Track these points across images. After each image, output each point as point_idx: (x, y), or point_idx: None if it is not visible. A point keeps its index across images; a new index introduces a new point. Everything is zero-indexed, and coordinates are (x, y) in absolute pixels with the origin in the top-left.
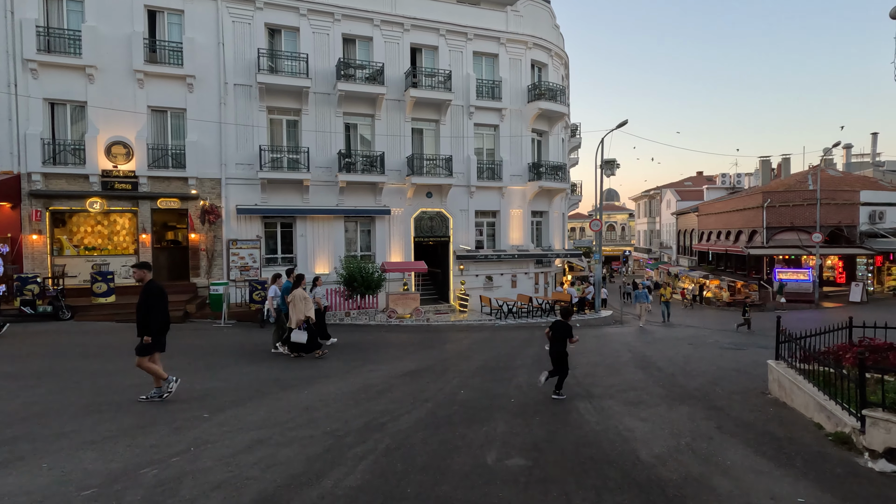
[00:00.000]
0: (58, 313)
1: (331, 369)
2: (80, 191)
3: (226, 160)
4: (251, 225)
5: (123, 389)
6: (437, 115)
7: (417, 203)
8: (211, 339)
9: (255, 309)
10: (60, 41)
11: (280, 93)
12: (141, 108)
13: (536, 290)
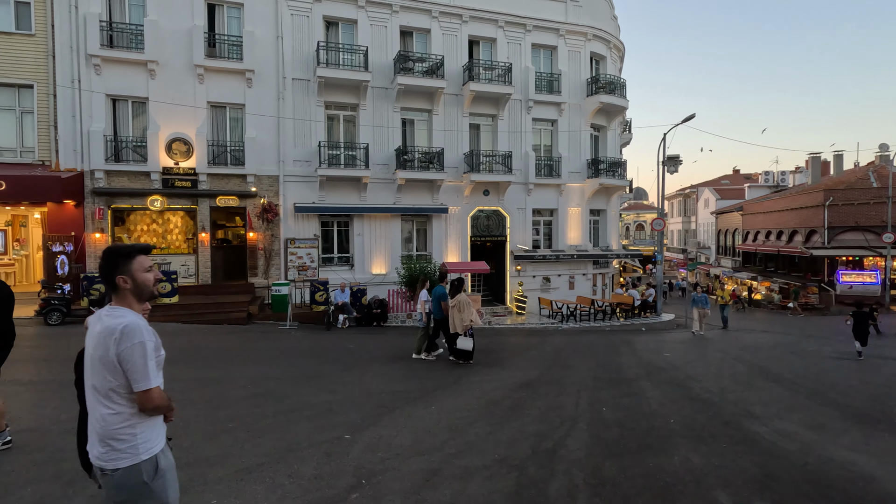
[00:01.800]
0: None
1: (437, 379)
2: (142, 188)
3: (284, 157)
4: (308, 223)
5: (237, 401)
6: (495, 110)
7: (474, 201)
8: (284, 342)
9: (322, 311)
10: (122, 36)
11: (338, 87)
12: (201, 103)
13: (594, 292)
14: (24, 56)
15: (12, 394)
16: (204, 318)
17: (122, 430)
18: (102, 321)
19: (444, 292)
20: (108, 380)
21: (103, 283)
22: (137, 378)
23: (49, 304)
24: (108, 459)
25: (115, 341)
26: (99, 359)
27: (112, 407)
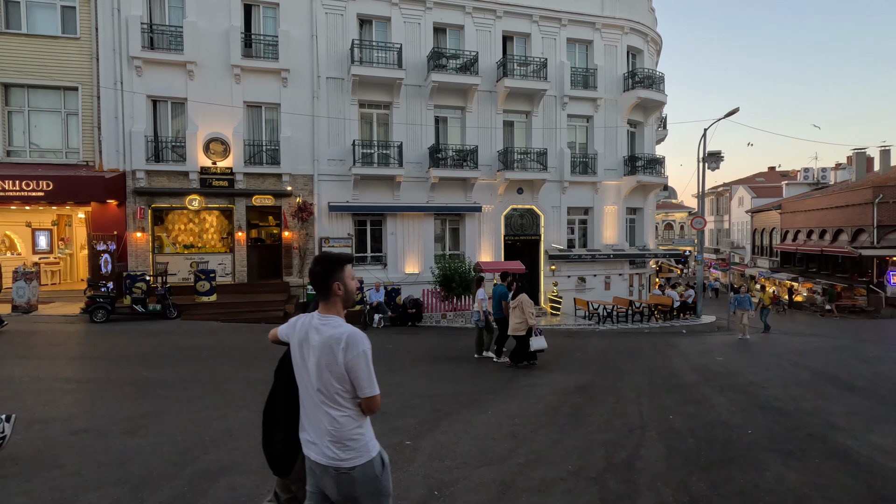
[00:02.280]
0: (165, 312)
1: (487, 382)
2: (180, 188)
3: (318, 156)
4: (342, 222)
5: None
6: (530, 107)
7: (508, 200)
8: None
9: (357, 310)
10: (162, 38)
11: (372, 85)
12: (237, 103)
13: (630, 293)
14: (70, 59)
15: (66, 391)
16: (242, 317)
17: (354, 431)
18: (321, 331)
19: (504, 292)
20: (336, 386)
21: (316, 288)
22: (363, 385)
23: (94, 301)
24: (344, 459)
25: (343, 350)
26: (326, 366)
27: (343, 410)
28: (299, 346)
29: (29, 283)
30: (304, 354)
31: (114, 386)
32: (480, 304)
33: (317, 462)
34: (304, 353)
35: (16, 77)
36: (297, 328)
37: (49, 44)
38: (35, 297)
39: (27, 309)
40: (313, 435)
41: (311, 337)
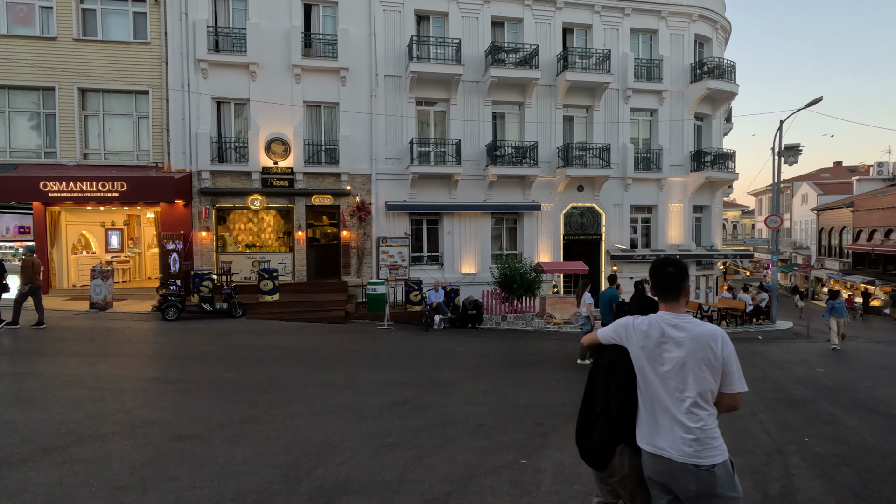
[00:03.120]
0: (231, 311)
1: (578, 392)
2: (243, 188)
3: (376, 155)
4: (399, 222)
5: (379, 411)
6: (591, 101)
7: (568, 197)
8: (390, 343)
9: (416, 311)
10: (227, 40)
11: (429, 82)
12: (297, 103)
13: (697, 296)
14: (141, 63)
15: (157, 392)
16: (304, 317)
17: (714, 430)
18: (687, 329)
19: (615, 295)
20: (710, 382)
21: (664, 289)
22: (735, 381)
23: (167, 300)
24: (706, 456)
25: (720, 346)
26: (703, 362)
27: (707, 408)
28: (657, 346)
29: (105, 281)
30: (662, 354)
31: (201, 387)
32: (589, 309)
33: (673, 460)
34: (662, 352)
35: (92, 82)
36: (646, 329)
37: (122, 49)
38: (110, 294)
39: (103, 306)
40: (671, 433)
41: (672, 335)
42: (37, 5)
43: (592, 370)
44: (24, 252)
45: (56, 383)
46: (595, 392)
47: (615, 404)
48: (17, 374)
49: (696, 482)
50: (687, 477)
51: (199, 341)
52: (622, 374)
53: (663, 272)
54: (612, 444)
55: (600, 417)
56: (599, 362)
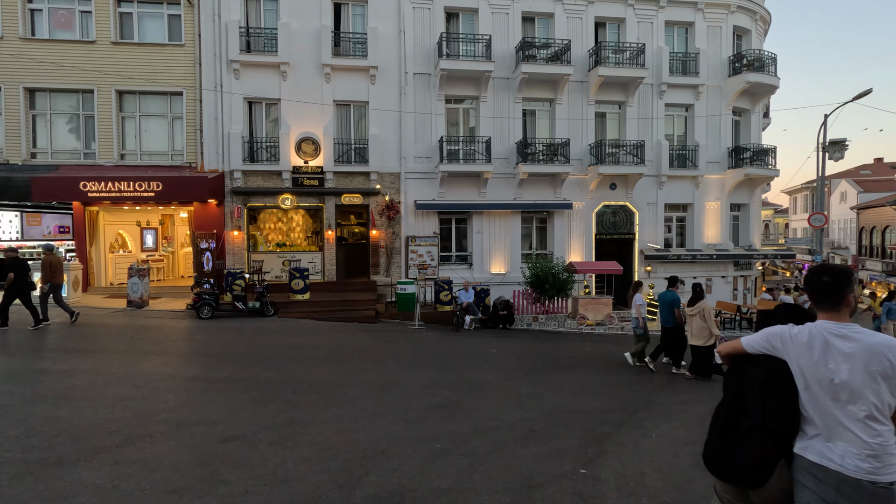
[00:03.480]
0: (263, 309)
1: (624, 396)
2: (274, 187)
3: (405, 153)
4: (428, 221)
5: (425, 414)
6: (624, 96)
7: (600, 196)
8: (423, 344)
9: (447, 311)
10: (258, 40)
11: (459, 80)
12: (327, 102)
13: (735, 297)
14: (175, 65)
15: (199, 391)
16: (335, 316)
17: (893, 445)
18: (857, 339)
19: (676, 298)
20: (885, 394)
21: (823, 298)
22: None
23: (201, 298)
24: (884, 474)
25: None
26: (879, 375)
27: (885, 422)
28: (821, 357)
29: (142, 279)
30: (828, 366)
31: (242, 387)
32: (639, 311)
33: (843, 474)
34: (828, 363)
35: (129, 84)
36: (807, 340)
37: (157, 51)
38: (147, 292)
39: (140, 304)
40: (843, 447)
41: (839, 346)
42: (77, 10)
43: (736, 381)
44: (43, 251)
45: (100, 381)
46: (744, 404)
47: (774, 418)
48: (63, 372)
49: (871, 498)
50: (860, 494)
51: (234, 340)
52: (782, 386)
53: (817, 281)
54: (774, 459)
55: (754, 432)
56: (753, 374)
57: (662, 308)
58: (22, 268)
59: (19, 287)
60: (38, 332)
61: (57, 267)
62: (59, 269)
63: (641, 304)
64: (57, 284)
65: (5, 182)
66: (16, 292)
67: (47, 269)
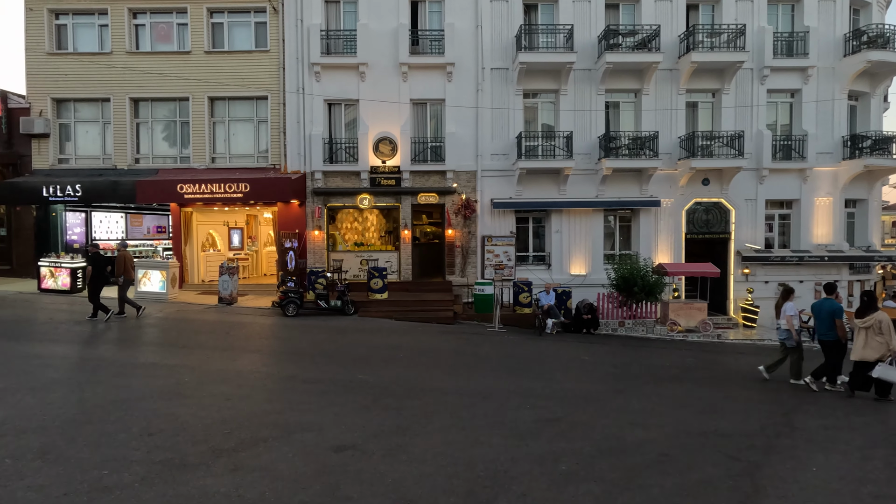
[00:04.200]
0: (344, 308)
1: (758, 417)
2: (352, 187)
3: (481, 151)
4: (504, 220)
5: (536, 429)
6: (719, 84)
7: (691, 192)
8: (508, 348)
9: (526, 314)
10: (338, 42)
11: (538, 73)
12: (404, 101)
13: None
14: (261, 71)
15: (300, 392)
16: (413, 316)
17: None
18: None
19: (838, 308)
20: None
21: None
22: None
23: (287, 296)
24: None
25: None
26: None
27: None
28: None
29: (231, 277)
30: None
31: (340, 389)
32: (790, 322)
33: None
34: None
35: (219, 90)
36: None
37: (245, 58)
38: (236, 290)
39: (230, 301)
40: None
41: None
42: (175, 23)
43: None
44: (117, 247)
45: (205, 378)
46: None
47: None
48: (171, 367)
49: None
50: None
51: (321, 338)
52: None
53: None
54: None
55: None
56: None
57: (820, 319)
58: (100, 262)
59: (97, 279)
60: (142, 325)
61: (129, 262)
62: (131, 264)
63: (793, 314)
64: (128, 280)
65: (114, 186)
66: (97, 283)
67: (121, 264)
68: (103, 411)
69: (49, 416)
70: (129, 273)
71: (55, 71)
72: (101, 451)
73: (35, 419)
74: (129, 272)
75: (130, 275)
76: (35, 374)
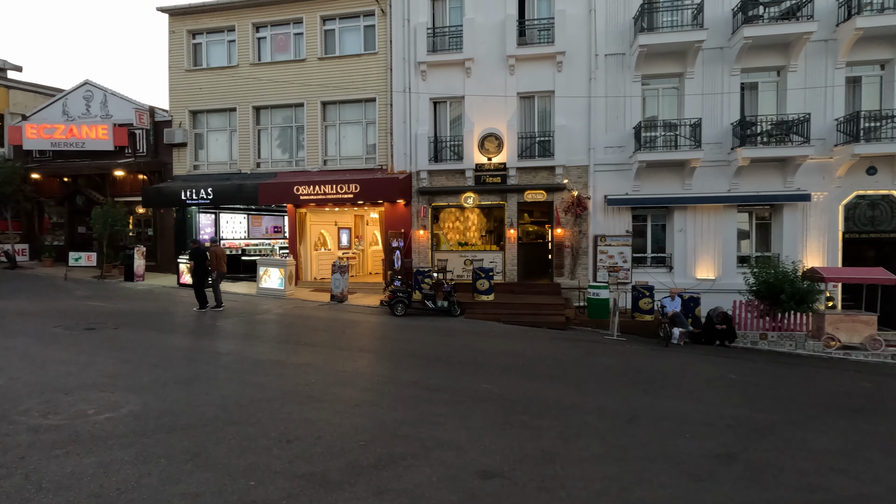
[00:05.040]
0: (451, 309)
1: None
2: (457, 186)
3: (594, 144)
4: (619, 218)
5: (709, 466)
6: (891, 52)
7: (851, 183)
8: (633, 360)
9: (653, 321)
10: (444, 39)
11: (660, 56)
12: (511, 95)
13: None
14: (369, 73)
15: (426, 402)
16: (522, 319)
17: None
18: None
19: None
20: None
21: None
22: None
23: (395, 296)
24: None
25: None
26: None
27: None
28: None
29: (343, 275)
30: None
31: (466, 400)
32: None
33: None
34: None
35: (331, 95)
36: None
37: (354, 62)
38: (346, 288)
39: (340, 299)
40: None
41: None
42: (291, 33)
43: None
44: (211, 243)
45: (331, 379)
46: None
47: None
48: (298, 366)
49: None
50: None
51: (433, 340)
52: None
53: None
54: None
55: None
56: None
57: None
58: (201, 256)
59: (200, 273)
60: (266, 321)
61: (221, 257)
62: (223, 259)
63: None
64: (221, 273)
65: (239, 189)
66: (199, 276)
67: (214, 259)
68: (242, 412)
69: (195, 413)
70: (220, 266)
71: (192, 85)
72: (245, 458)
73: (183, 416)
74: (221, 266)
75: (222, 268)
76: (179, 367)
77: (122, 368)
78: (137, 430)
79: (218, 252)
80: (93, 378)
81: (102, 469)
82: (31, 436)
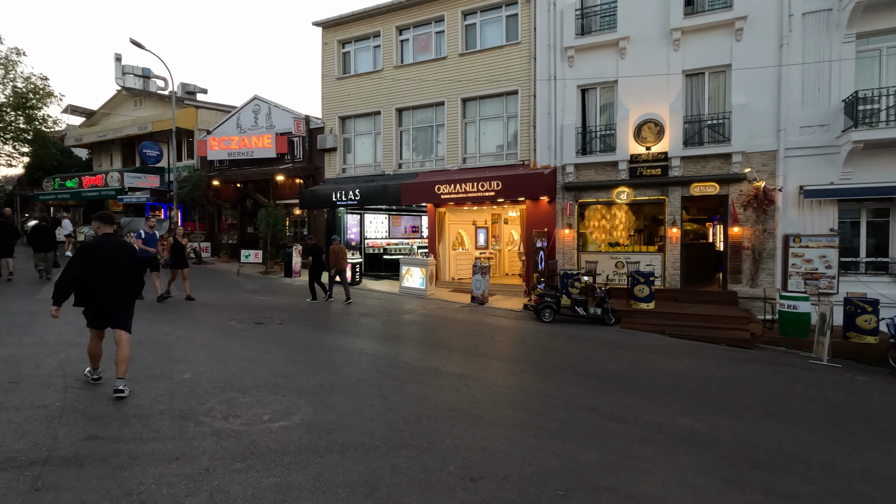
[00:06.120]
0: (604, 317)
1: None
2: (608, 180)
3: (784, 124)
4: (820, 213)
5: None
6: None
7: None
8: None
9: (883, 344)
10: (594, 20)
11: (885, 6)
12: (675, 74)
13: None
14: (511, 64)
15: (612, 436)
16: (691, 333)
17: None
18: None
19: None
20: None
21: None
22: None
23: (543, 300)
24: None
25: None
26: None
27: None
28: None
29: (484, 276)
30: None
31: (668, 440)
32: None
33: None
34: None
35: (471, 90)
36: None
37: (496, 54)
38: (487, 289)
39: (481, 301)
40: None
41: None
42: (433, 32)
43: None
44: (332, 241)
45: (497, 396)
46: None
47: None
48: (457, 376)
49: None
50: None
51: (593, 354)
52: None
53: None
54: None
55: None
56: None
57: None
58: (317, 252)
59: (316, 268)
60: (413, 322)
61: (341, 255)
62: (343, 256)
63: None
64: (340, 269)
65: (383, 189)
66: (315, 271)
67: (334, 256)
68: (412, 431)
69: (365, 429)
70: (339, 264)
71: (341, 93)
72: (427, 497)
73: (354, 432)
74: (340, 263)
75: (341, 265)
76: (342, 370)
77: (290, 368)
78: (311, 445)
79: (338, 250)
80: (265, 377)
81: (282, 496)
82: (214, 442)
